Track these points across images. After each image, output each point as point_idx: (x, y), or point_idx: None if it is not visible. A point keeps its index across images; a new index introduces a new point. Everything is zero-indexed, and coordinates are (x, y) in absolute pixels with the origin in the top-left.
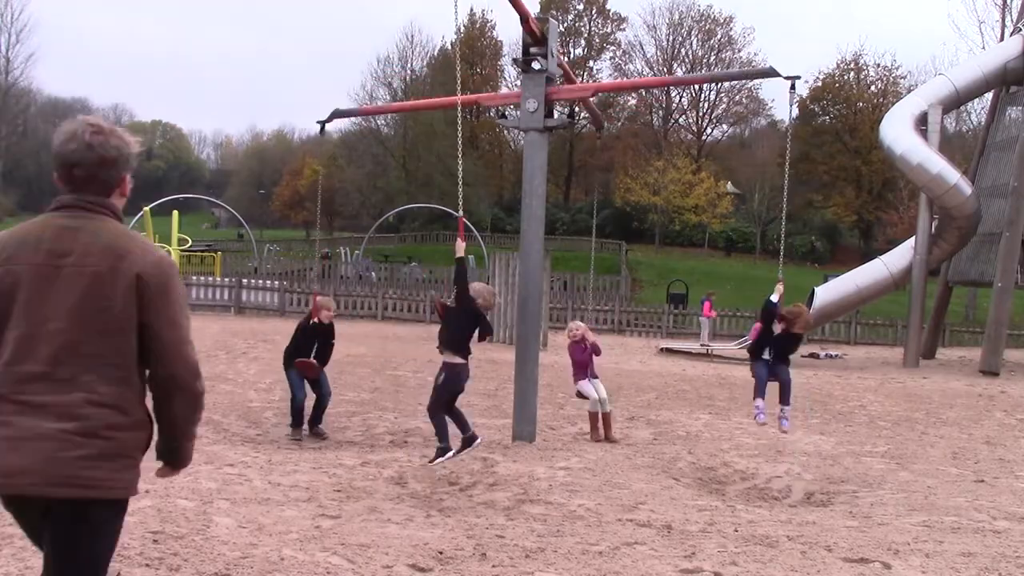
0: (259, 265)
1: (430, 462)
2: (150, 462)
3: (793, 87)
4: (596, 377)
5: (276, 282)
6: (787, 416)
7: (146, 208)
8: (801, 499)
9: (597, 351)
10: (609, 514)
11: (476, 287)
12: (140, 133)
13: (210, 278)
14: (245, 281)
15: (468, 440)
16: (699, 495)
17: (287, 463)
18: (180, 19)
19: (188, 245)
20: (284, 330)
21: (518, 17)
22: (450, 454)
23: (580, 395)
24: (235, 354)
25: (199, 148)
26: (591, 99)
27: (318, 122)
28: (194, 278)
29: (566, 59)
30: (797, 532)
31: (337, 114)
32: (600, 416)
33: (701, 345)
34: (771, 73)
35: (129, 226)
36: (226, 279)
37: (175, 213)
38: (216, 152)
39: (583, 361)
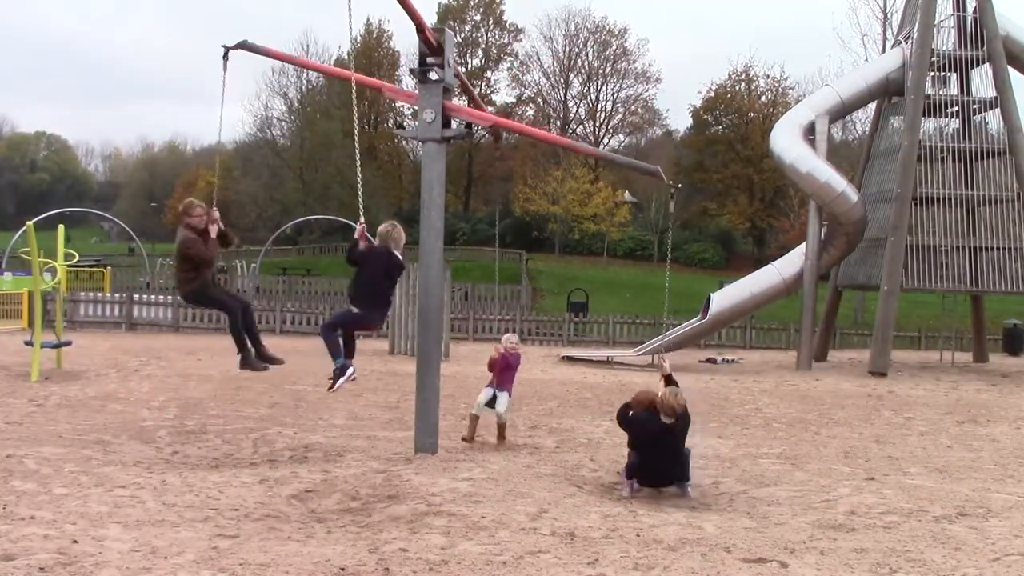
0: (151, 280)
1: (330, 390)
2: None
3: (672, 195)
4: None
5: (170, 297)
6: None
7: (29, 223)
8: (702, 502)
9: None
10: (513, 523)
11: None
12: (23, 145)
13: (99, 294)
14: (137, 296)
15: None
16: (601, 501)
17: (182, 483)
18: (65, 17)
19: (75, 260)
20: (178, 346)
21: (414, 27)
22: (350, 371)
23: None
24: (127, 372)
25: (86, 160)
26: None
27: (223, 46)
28: (82, 294)
29: (463, 69)
30: (697, 535)
31: (244, 45)
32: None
33: None
34: (655, 173)
35: (11, 242)
36: (116, 295)
37: (61, 227)
38: (104, 164)
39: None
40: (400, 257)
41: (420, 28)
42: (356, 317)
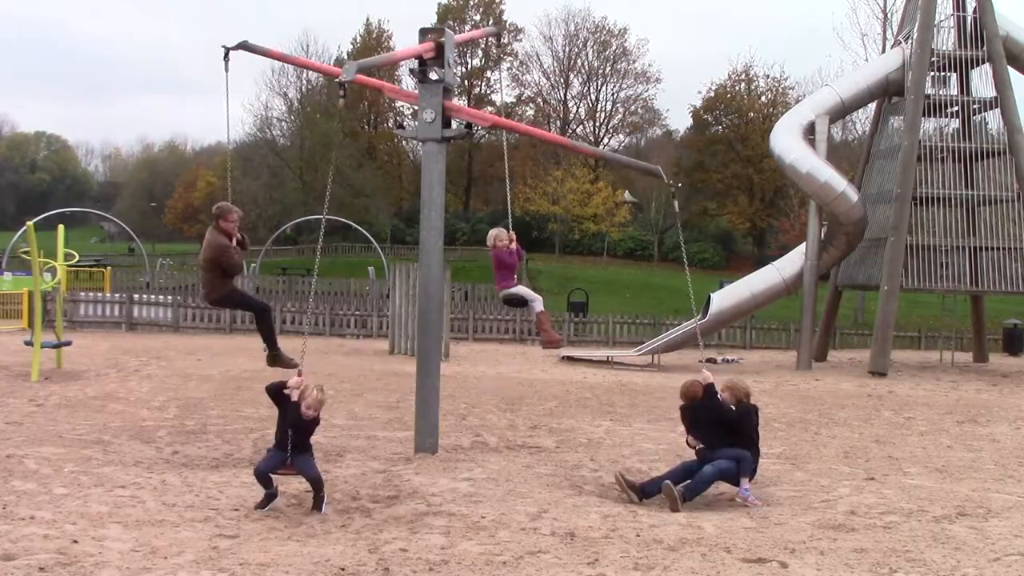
0: (152, 280)
1: None
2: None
3: (674, 195)
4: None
5: (169, 297)
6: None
7: (29, 223)
8: (702, 502)
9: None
10: (513, 523)
11: None
12: (23, 145)
13: (99, 294)
14: (137, 296)
15: None
16: (601, 502)
17: (182, 483)
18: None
19: (75, 260)
20: (178, 346)
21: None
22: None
23: (512, 301)
24: (127, 372)
25: (86, 160)
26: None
27: (223, 47)
28: (82, 294)
29: (463, 69)
30: (697, 535)
31: (245, 46)
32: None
33: None
34: (655, 173)
35: (11, 242)
36: (116, 295)
37: (60, 227)
38: (104, 164)
39: (513, 264)
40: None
41: (420, 58)
42: None
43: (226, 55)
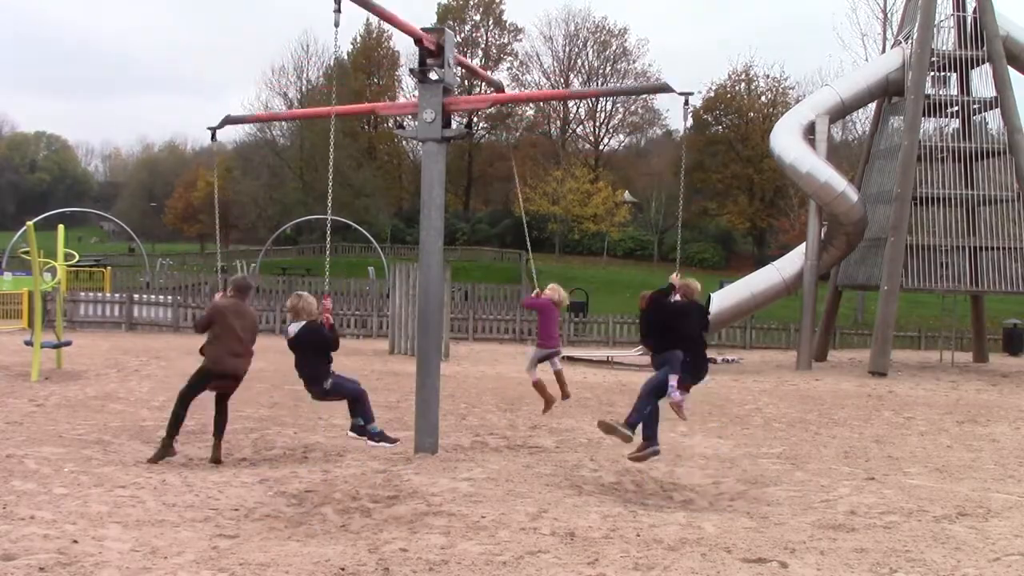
0: (152, 280)
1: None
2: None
3: (686, 102)
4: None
5: (169, 297)
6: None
7: (29, 223)
8: (702, 502)
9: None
10: (513, 523)
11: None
12: (23, 145)
13: (99, 294)
14: (137, 296)
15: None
16: (601, 502)
17: (182, 483)
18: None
19: (75, 260)
20: (178, 346)
21: (412, 40)
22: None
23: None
24: (127, 372)
25: (86, 160)
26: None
27: (209, 128)
28: (82, 294)
29: (463, 69)
30: (697, 535)
31: (229, 120)
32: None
33: None
34: (665, 88)
35: (11, 242)
36: (116, 295)
37: (60, 227)
38: (104, 164)
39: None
40: None
41: (418, 40)
42: None
43: (213, 135)
